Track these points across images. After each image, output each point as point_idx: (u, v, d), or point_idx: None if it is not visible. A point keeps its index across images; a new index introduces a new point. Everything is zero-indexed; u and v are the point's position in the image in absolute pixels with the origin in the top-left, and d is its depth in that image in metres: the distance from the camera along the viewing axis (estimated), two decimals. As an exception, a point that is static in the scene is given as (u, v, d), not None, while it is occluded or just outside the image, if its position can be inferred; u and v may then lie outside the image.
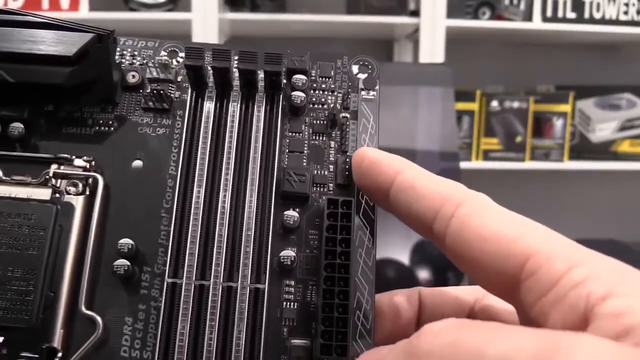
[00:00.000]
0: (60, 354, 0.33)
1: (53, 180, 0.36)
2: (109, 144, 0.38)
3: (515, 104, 2.14)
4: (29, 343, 0.33)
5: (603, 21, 2.11)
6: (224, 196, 0.36)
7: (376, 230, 0.35)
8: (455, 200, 0.29)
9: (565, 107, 2.16)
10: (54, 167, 0.37)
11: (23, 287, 0.33)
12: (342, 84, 0.40)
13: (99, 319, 0.33)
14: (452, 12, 2.01)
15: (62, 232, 0.35)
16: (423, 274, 1.23)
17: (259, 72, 0.38)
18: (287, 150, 0.38)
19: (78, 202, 0.36)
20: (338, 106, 0.39)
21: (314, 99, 0.39)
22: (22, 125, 0.38)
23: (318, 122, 0.38)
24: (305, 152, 0.38)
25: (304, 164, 0.37)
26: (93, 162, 0.37)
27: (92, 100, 0.39)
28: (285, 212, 0.35)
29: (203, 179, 0.36)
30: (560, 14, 2.08)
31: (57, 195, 0.36)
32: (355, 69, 0.40)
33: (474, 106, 2.12)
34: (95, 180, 0.36)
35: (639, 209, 2.43)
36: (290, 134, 0.38)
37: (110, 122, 0.39)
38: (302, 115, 0.39)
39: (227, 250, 0.35)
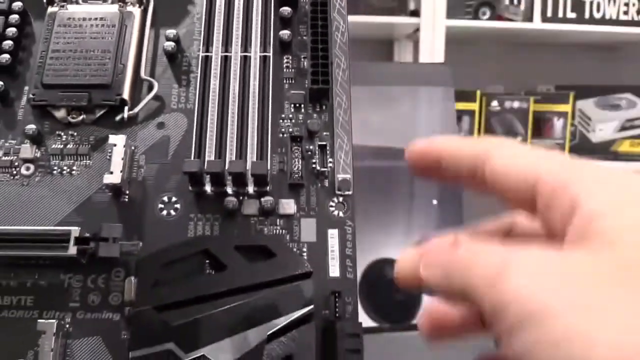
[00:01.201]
0: (129, 104, 0.54)
1: (117, 1, 0.58)
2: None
3: (515, 104, 2.30)
4: (107, 95, 0.54)
5: (603, 21, 2.26)
6: (238, 2, 0.57)
7: (347, 22, 0.56)
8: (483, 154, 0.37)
9: (565, 107, 2.32)
10: (118, -7, 0.59)
11: (101, 60, 0.54)
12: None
13: (155, 82, 0.54)
14: (452, 12, 2.17)
15: (126, 29, 0.56)
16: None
17: None
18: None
19: (136, 12, 0.57)
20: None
21: None
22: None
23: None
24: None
25: None
26: (146, -11, 0.59)
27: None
28: (281, 9, 0.57)
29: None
30: (560, 14, 2.24)
31: (122, 7, 0.57)
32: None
33: (474, 106, 2.27)
34: (148, 1, 0.58)
35: None
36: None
37: None
38: None
39: (242, 31, 0.56)
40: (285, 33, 0.55)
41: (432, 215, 1.19)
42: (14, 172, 0.52)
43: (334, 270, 0.48)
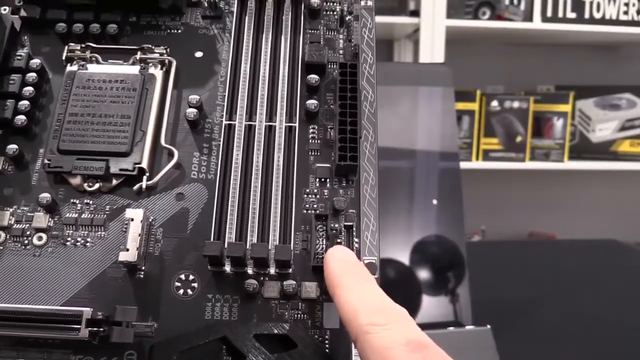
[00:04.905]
0: (147, 173, 0.51)
1: (139, 62, 0.55)
2: (178, 41, 0.57)
3: (515, 104, 2.28)
4: (125, 164, 0.51)
5: (603, 21, 2.26)
6: (264, 67, 0.54)
7: (376, 91, 0.53)
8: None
9: (565, 107, 2.31)
10: (139, 53, 0.55)
11: (120, 127, 0.52)
12: (347, -1, 0.58)
13: (175, 150, 0.51)
14: (452, 12, 2.16)
15: (147, 92, 0.53)
16: (423, 274, 1.36)
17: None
18: (308, 42, 0.56)
19: (158, 74, 0.54)
20: (345, 11, 0.57)
21: (326, 8, 0.58)
22: (115, 26, 0.57)
23: (330, 22, 0.57)
24: (321, 42, 0.56)
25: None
26: (168, 49, 0.56)
27: (165, 11, 0.58)
28: (308, 76, 0.54)
29: (248, 56, 0.55)
30: (560, 14, 2.23)
31: (143, 69, 0.54)
32: (357, -11, 0.59)
33: (474, 106, 2.26)
34: (170, 62, 0.55)
35: (639, 209, 2.59)
36: (310, 30, 0.57)
37: (178, 27, 0.58)
38: (318, 18, 0.57)
39: (267, 98, 0.53)
40: (312, 103, 0.52)
41: (432, 215, 1.18)
42: (26, 242, 0.50)
43: (358, 361, 0.46)
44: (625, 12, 2.28)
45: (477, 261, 1.28)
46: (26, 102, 0.53)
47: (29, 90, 0.54)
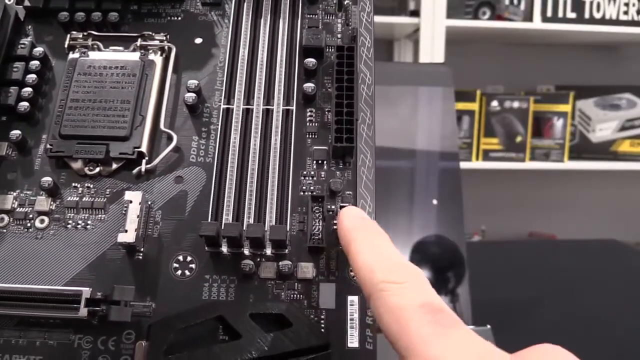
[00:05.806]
0: (147, 157, 0.52)
1: (139, 49, 0.56)
2: (178, 27, 0.59)
3: (515, 104, 2.29)
4: (125, 148, 0.52)
5: (603, 21, 2.27)
6: (262, 52, 0.56)
7: (374, 74, 0.54)
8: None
9: (565, 107, 2.32)
10: (140, 40, 0.57)
11: (120, 111, 0.53)
12: (346, -18, 0.60)
13: (174, 134, 0.53)
14: (452, 12, 2.17)
15: (147, 78, 0.54)
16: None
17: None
18: (306, 26, 0.57)
19: (158, 61, 0.56)
20: (343, -5, 0.58)
21: (325, -7, 0.59)
22: (116, 14, 0.58)
23: (329, 7, 0.58)
24: (320, 26, 0.57)
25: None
26: (168, 36, 0.57)
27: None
28: (306, 60, 0.55)
29: (247, 41, 0.56)
30: (560, 14, 2.24)
31: (143, 56, 0.55)
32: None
33: (474, 106, 2.27)
34: (170, 48, 0.56)
35: (639, 209, 2.59)
36: (308, 15, 0.58)
37: (178, 14, 0.60)
38: (317, 3, 0.59)
39: (265, 82, 0.54)
40: (309, 86, 0.54)
41: (432, 215, 1.18)
42: (28, 225, 0.51)
43: (353, 341, 0.47)
44: (625, 12, 2.29)
45: (477, 261, 1.28)
46: (29, 89, 0.54)
47: (32, 77, 0.55)
